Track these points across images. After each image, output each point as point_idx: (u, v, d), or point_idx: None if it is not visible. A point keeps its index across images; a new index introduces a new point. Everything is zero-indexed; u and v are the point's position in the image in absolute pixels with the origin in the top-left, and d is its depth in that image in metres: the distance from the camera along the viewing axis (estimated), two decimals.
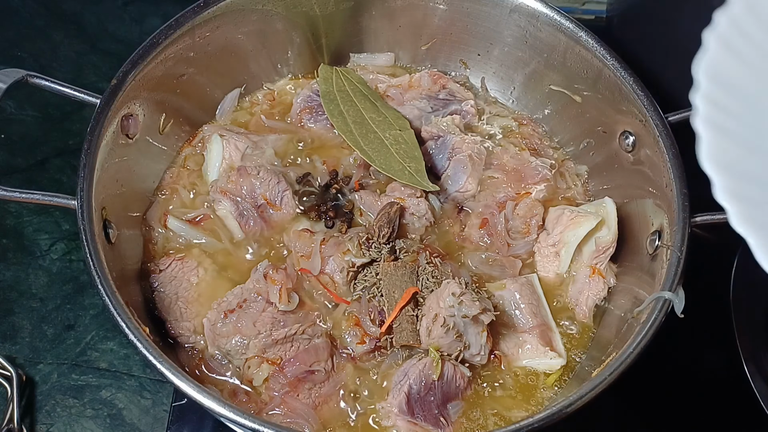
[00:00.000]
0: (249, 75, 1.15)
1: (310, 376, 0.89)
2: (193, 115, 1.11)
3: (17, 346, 1.06)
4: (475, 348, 0.89)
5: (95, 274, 0.81)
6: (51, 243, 1.14)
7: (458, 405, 0.89)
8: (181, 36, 1.01)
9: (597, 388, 0.78)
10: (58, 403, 1.02)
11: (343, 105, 1.08)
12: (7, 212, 1.17)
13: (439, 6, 1.14)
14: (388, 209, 0.98)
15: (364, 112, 1.07)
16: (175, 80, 1.04)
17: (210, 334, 0.91)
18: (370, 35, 1.19)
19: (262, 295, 0.92)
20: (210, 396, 0.75)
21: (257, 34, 1.10)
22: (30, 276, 1.12)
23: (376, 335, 0.91)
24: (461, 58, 1.20)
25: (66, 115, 1.27)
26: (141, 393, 1.02)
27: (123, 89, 0.94)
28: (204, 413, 0.97)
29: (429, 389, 0.87)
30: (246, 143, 1.06)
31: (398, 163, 1.01)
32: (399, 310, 0.90)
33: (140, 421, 1.00)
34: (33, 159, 1.22)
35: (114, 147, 0.94)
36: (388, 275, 0.93)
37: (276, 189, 1.01)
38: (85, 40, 1.36)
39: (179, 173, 1.07)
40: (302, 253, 0.96)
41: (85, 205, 0.86)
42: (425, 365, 0.87)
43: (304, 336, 0.90)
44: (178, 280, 0.96)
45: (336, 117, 1.07)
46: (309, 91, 1.13)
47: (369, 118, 1.06)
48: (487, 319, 0.88)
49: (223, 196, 1.00)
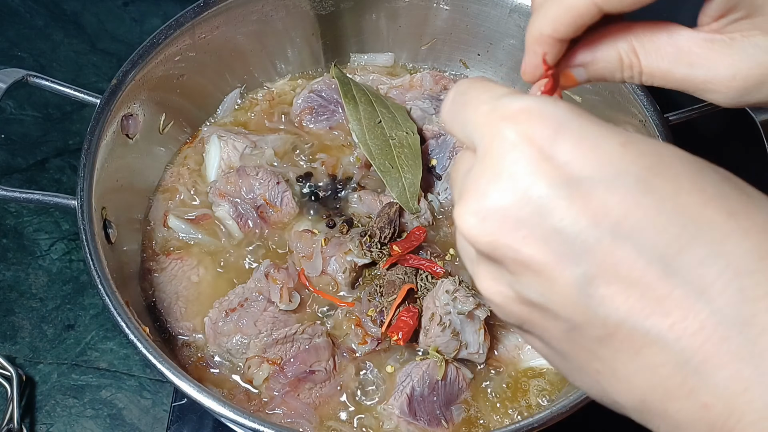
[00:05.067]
0: (249, 75, 1.15)
1: (311, 376, 0.89)
2: (193, 114, 1.11)
3: (17, 346, 1.06)
4: (473, 346, 0.89)
5: (95, 273, 0.81)
6: (51, 243, 1.14)
7: (460, 406, 0.89)
8: (181, 36, 1.01)
9: None
10: (58, 403, 1.02)
11: (356, 90, 1.07)
12: (7, 212, 1.17)
13: (442, 7, 1.14)
14: (387, 209, 0.98)
15: (375, 105, 1.07)
16: (175, 80, 1.04)
17: (211, 333, 0.91)
18: (371, 35, 1.19)
19: (264, 295, 0.92)
20: (210, 396, 0.75)
21: (257, 33, 1.10)
22: (30, 276, 1.12)
23: (377, 335, 0.91)
24: (461, 58, 1.20)
25: (66, 115, 1.27)
26: (141, 393, 1.02)
27: (123, 89, 0.94)
28: (204, 413, 0.97)
29: (432, 391, 0.87)
30: (245, 143, 1.06)
31: (396, 170, 1.00)
32: (396, 308, 0.90)
33: (140, 421, 1.00)
34: (33, 159, 1.22)
35: (114, 147, 0.94)
36: (388, 275, 0.93)
37: (275, 189, 1.01)
38: (85, 40, 1.36)
39: (179, 173, 1.07)
40: (304, 254, 0.96)
41: (85, 205, 0.86)
42: (428, 366, 0.87)
43: (304, 335, 0.90)
44: (178, 280, 0.96)
45: (349, 100, 1.05)
46: (309, 91, 1.13)
47: (379, 111, 1.06)
48: (483, 314, 0.88)
49: (221, 199, 1.00)
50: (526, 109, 0.39)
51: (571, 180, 0.37)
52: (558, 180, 0.37)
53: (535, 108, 0.39)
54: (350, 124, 1.04)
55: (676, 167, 0.38)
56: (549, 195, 0.37)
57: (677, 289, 0.36)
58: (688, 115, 0.95)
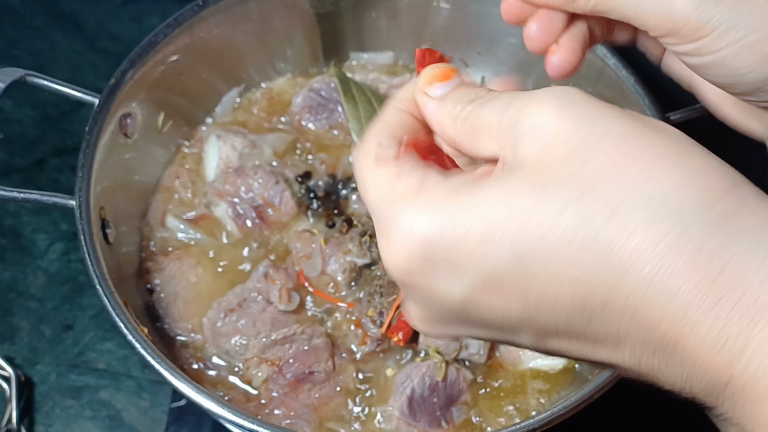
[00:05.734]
0: (248, 74, 1.15)
1: (310, 377, 0.88)
2: (192, 114, 1.10)
3: (16, 347, 1.05)
4: (473, 347, 0.89)
5: (93, 274, 0.81)
6: (49, 243, 1.14)
7: (461, 408, 0.89)
8: (180, 35, 1.00)
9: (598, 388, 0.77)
10: (57, 404, 1.01)
11: (355, 89, 1.07)
12: (6, 212, 1.17)
13: (442, 5, 1.13)
14: None
15: (375, 104, 1.06)
16: (173, 79, 1.04)
17: (210, 334, 0.91)
18: (370, 34, 1.19)
19: (263, 295, 0.92)
20: (209, 397, 0.75)
21: (256, 32, 1.10)
22: (28, 276, 1.11)
23: (377, 336, 0.90)
24: (461, 56, 1.19)
25: (64, 114, 1.26)
26: (139, 394, 1.02)
27: (122, 88, 0.94)
28: (203, 414, 0.97)
29: (432, 392, 0.87)
30: (244, 143, 1.05)
31: None
32: (395, 309, 0.90)
33: (139, 422, 1.00)
34: (31, 159, 1.22)
35: (112, 146, 0.94)
36: (387, 276, 0.93)
37: (274, 189, 1.01)
38: (83, 39, 1.35)
39: (178, 172, 1.07)
40: (303, 254, 0.96)
41: (84, 205, 0.85)
42: (428, 367, 0.87)
43: (303, 336, 0.90)
44: (177, 280, 0.96)
45: (349, 99, 1.05)
46: (309, 90, 1.13)
47: (379, 110, 1.05)
48: None
49: (219, 198, 1.00)
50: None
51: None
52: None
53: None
54: (350, 123, 1.03)
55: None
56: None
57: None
58: (689, 115, 0.95)
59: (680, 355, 0.36)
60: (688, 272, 0.35)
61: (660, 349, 0.37)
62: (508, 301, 0.39)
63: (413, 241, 0.40)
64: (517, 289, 0.38)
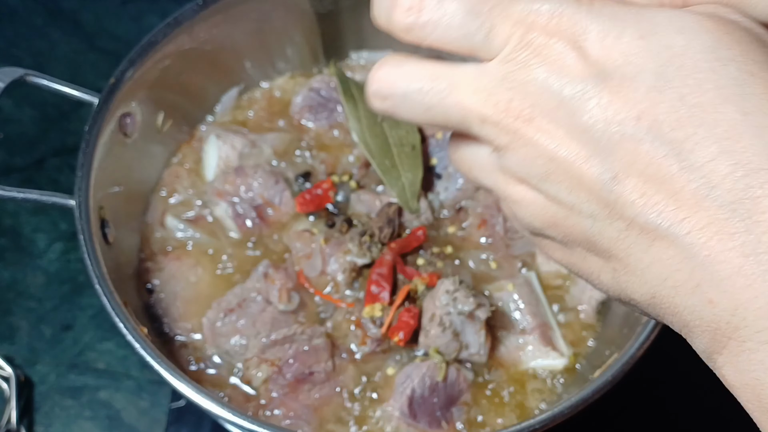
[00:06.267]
0: (248, 73, 1.14)
1: (310, 378, 0.88)
2: (191, 113, 1.10)
3: (15, 347, 1.05)
4: (474, 347, 0.89)
5: (93, 274, 0.81)
6: (49, 243, 1.14)
7: (461, 408, 0.89)
8: (180, 34, 1.00)
9: (599, 389, 0.77)
10: (56, 404, 1.01)
11: (355, 89, 1.07)
12: (5, 212, 1.17)
13: None
14: (386, 209, 0.98)
15: None
16: (173, 79, 1.03)
17: (209, 334, 0.91)
18: (370, 33, 1.18)
19: (262, 295, 0.92)
20: (208, 397, 0.75)
21: (256, 32, 1.10)
22: (28, 276, 1.11)
23: (377, 337, 0.90)
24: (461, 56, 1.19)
25: (64, 114, 1.26)
26: (139, 394, 1.02)
27: (121, 88, 0.94)
28: (202, 414, 0.97)
29: (432, 392, 0.87)
30: (243, 142, 1.05)
31: (396, 169, 1.00)
32: (395, 309, 0.90)
33: (138, 423, 1.00)
34: (31, 158, 1.22)
35: (112, 146, 0.94)
36: None
37: (274, 189, 1.01)
38: (83, 39, 1.35)
39: (178, 172, 1.06)
40: (303, 254, 0.96)
41: (83, 205, 0.85)
42: (428, 368, 0.87)
43: (303, 336, 0.90)
44: (176, 280, 0.96)
45: (349, 99, 1.05)
46: (308, 90, 1.13)
47: None
48: (484, 314, 0.88)
49: (219, 198, 1.00)
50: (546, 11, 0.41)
51: (599, 75, 0.39)
52: (586, 76, 0.39)
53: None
54: (349, 122, 1.03)
55: (696, 64, 0.38)
56: (577, 92, 0.39)
57: (690, 184, 0.37)
58: None
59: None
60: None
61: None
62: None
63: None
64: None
